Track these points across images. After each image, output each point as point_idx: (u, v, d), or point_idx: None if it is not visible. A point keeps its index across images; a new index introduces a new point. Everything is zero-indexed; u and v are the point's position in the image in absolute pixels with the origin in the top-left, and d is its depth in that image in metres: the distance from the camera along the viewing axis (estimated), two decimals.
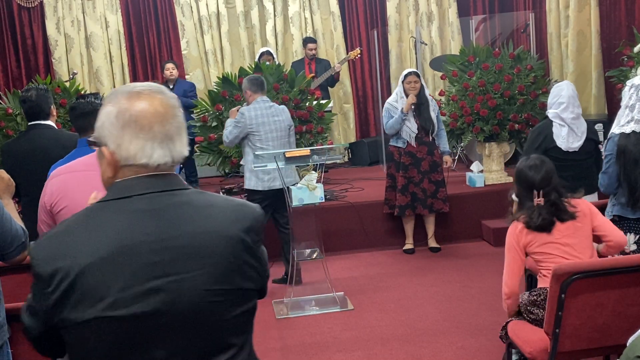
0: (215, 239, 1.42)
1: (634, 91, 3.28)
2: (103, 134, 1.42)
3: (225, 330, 1.44)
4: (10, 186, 2.48)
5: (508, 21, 8.43)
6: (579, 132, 3.94)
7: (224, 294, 1.42)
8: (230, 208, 1.49)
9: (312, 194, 4.47)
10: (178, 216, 1.41)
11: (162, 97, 1.43)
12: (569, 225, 2.89)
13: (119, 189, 1.41)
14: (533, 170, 2.95)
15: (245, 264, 1.46)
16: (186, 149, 1.48)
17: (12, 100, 5.86)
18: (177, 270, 1.37)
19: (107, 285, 1.32)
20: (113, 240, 1.35)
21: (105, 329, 1.32)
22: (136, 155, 1.39)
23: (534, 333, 2.85)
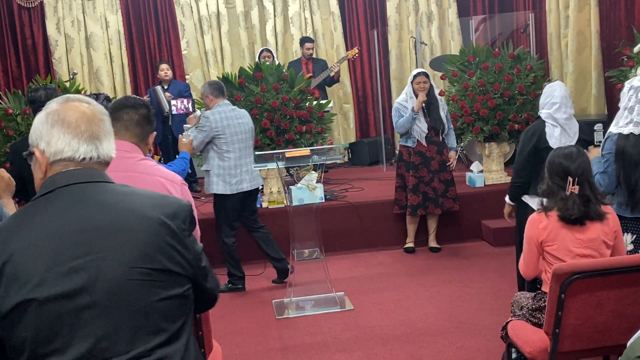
0: (135, 219, 1.49)
1: (633, 93, 3.27)
2: (35, 136, 1.54)
3: (153, 313, 1.47)
4: (10, 185, 2.48)
5: (508, 21, 8.43)
6: (572, 132, 3.93)
7: (148, 273, 1.46)
8: (154, 196, 1.59)
9: (312, 194, 4.47)
10: (99, 202, 1.50)
11: (90, 104, 1.59)
12: (592, 237, 2.84)
13: (45, 185, 1.52)
14: (568, 158, 2.88)
15: (169, 246, 1.50)
16: (113, 152, 1.60)
17: (12, 100, 5.86)
18: (98, 249, 1.44)
19: (32, 268, 1.40)
20: (36, 228, 1.44)
21: (34, 313, 1.38)
22: (64, 150, 1.51)
23: (534, 333, 2.85)
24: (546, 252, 2.90)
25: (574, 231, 2.84)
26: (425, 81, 5.42)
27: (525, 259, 2.97)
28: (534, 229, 2.90)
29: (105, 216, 1.47)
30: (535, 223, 2.91)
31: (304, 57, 7.68)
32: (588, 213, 2.84)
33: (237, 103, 5.90)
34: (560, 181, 2.87)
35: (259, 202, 6.03)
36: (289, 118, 5.92)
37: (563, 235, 2.84)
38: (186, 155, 3.93)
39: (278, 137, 5.93)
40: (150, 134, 2.56)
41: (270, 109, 5.88)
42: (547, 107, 3.96)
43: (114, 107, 2.48)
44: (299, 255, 4.70)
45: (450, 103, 6.32)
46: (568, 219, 2.83)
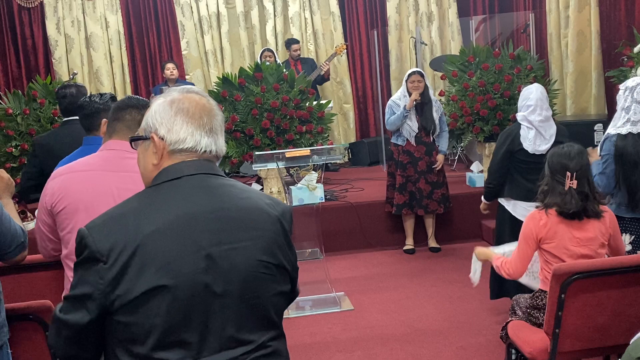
0: (261, 215, 1.51)
1: (628, 93, 3.29)
2: (154, 121, 1.51)
3: (270, 307, 1.50)
4: (10, 186, 2.48)
5: (508, 21, 8.43)
6: (547, 134, 3.91)
7: (270, 267, 1.49)
8: (266, 196, 1.61)
9: (312, 194, 4.47)
10: (226, 193, 1.49)
11: (207, 99, 1.58)
12: (590, 236, 2.85)
13: (169, 172, 1.49)
14: (567, 156, 2.90)
15: (283, 243, 1.54)
16: (224, 147, 1.59)
17: (12, 100, 5.87)
18: (232, 239, 1.45)
19: (168, 251, 1.37)
20: (169, 212, 1.42)
21: (166, 298, 1.36)
22: (186, 139, 1.49)
23: (534, 333, 2.85)
24: (544, 250, 2.90)
25: (572, 229, 2.85)
26: (419, 80, 5.42)
27: (519, 257, 2.94)
28: (533, 226, 2.90)
29: (236, 208, 1.48)
30: (535, 220, 2.91)
31: (291, 58, 7.70)
32: (586, 209, 2.85)
33: (237, 103, 5.91)
34: (560, 178, 2.89)
35: None
36: (289, 118, 5.92)
37: (561, 233, 2.85)
38: None
39: (278, 137, 5.93)
40: None
41: (270, 109, 5.88)
42: (523, 110, 3.97)
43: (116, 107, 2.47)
44: (299, 255, 4.68)
45: (450, 103, 6.33)
46: (566, 214, 2.84)
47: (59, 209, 2.23)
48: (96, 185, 2.22)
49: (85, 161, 2.33)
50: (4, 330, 2.23)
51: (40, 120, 5.78)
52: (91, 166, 2.28)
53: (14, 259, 2.26)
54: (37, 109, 5.85)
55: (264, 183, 6.08)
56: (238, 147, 5.91)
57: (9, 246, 2.20)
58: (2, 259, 2.25)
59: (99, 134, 2.85)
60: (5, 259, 2.25)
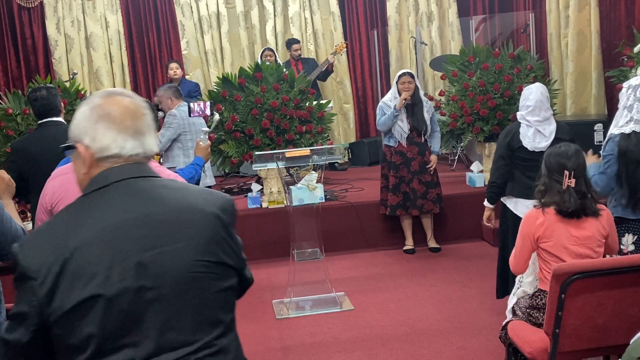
0: (194, 214, 1.50)
1: (631, 92, 3.29)
2: (78, 132, 1.51)
3: (213, 305, 1.50)
4: (10, 186, 2.49)
5: (508, 21, 8.42)
6: (547, 132, 3.93)
7: (209, 266, 1.48)
8: (202, 191, 1.60)
9: (312, 194, 4.47)
10: (156, 196, 1.49)
11: (132, 98, 1.56)
12: (588, 235, 2.86)
13: (97, 180, 1.49)
14: (564, 155, 2.91)
15: (222, 239, 1.53)
16: (156, 146, 1.58)
17: (12, 100, 5.87)
18: (163, 243, 1.44)
19: (96, 263, 1.37)
20: (97, 223, 1.42)
21: (98, 309, 1.36)
22: (110, 146, 1.48)
23: (534, 333, 2.85)
24: (542, 249, 2.91)
25: (570, 228, 2.85)
26: (410, 81, 5.42)
27: (517, 255, 2.96)
28: (530, 225, 2.91)
29: (167, 211, 1.47)
30: (532, 219, 2.92)
31: (292, 58, 7.70)
32: (584, 207, 2.86)
33: (237, 103, 5.91)
34: (558, 177, 2.89)
35: (259, 202, 6.04)
36: (289, 118, 5.93)
37: (559, 232, 2.85)
38: (200, 162, 3.73)
39: (278, 137, 5.93)
40: None
41: (270, 109, 5.88)
42: (522, 109, 3.99)
43: None
44: (299, 255, 4.70)
45: (451, 103, 6.33)
46: (565, 212, 2.85)
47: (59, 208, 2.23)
48: None
49: None
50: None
51: None
52: None
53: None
54: None
55: (264, 183, 6.09)
56: (238, 147, 5.91)
57: (10, 246, 2.20)
58: (2, 259, 2.25)
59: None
60: (6, 259, 2.25)
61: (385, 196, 5.71)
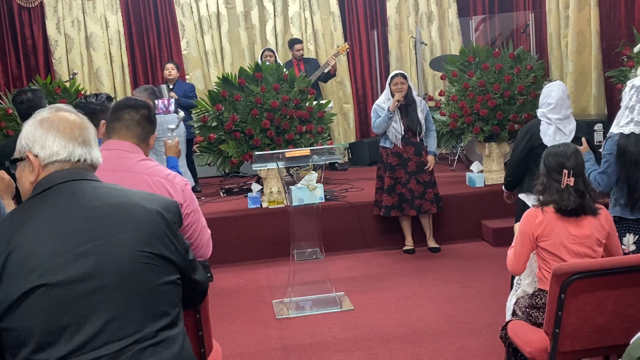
0: (135, 209, 1.57)
1: (634, 92, 3.28)
2: (27, 141, 1.59)
3: (157, 297, 1.54)
4: (10, 187, 2.49)
5: (508, 21, 8.43)
6: (567, 130, 3.94)
7: (150, 257, 1.54)
8: (145, 193, 1.68)
9: (312, 194, 4.47)
10: (97, 194, 1.56)
11: (77, 115, 1.66)
12: (586, 233, 2.86)
13: (41, 184, 1.56)
14: (562, 155, 2.92)
15: (165, 235, 1.59)
16: (100, 159, 1.69)
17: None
18: (104, 234, 1.50)
19: (39, 255, 1.43)
20: (39, 220, 1.48)
21: (43, 299, 1.40)
22: (59, 152, 1.57)
23: (534, 333, 2.85)
24: (541, 248, 2.91)
25: (569, 226, 2.86)
26: (402, 82, 5.42)
27: (517, 254, 2.96)
28: (529, 224, 2.91)
29: (108, 206, 1.54)
30: (531, 218, 2.92)
31: (294, 58, 7.70)
32: (583, 206, 2.87)
33: (237, 103, 5.91)
34: (557, 176, 2.90)
35: (259, 202, 6.04)
36: (289, 118, 5.93)
37: (558, 230, 2.86)
38: (174, 162, 3.43)
39: (278, 137, 5.93)
40: (151, 135, 2.56)
41: (270, 109, 5.88)
42: (544, 107, 4.00)
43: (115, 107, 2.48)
44: (299, 255, 4.70)
45: (451, 103, 6.33)
46: (565, 211, 2.85)
47: None
48: None
49: None
50: None
51: None
52: None
53: None
54: None
55: (264, 183, 6.09)
56: (238, 147, 5.91)
57: None
58: None
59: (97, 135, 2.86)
60: None
61: (379, 197, 5.71)
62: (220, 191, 6.92)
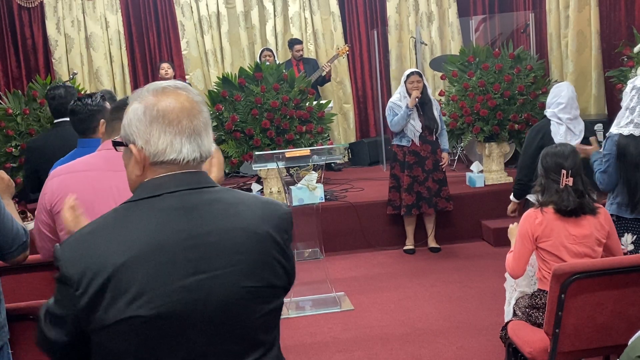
0: (246, 236, 1.41)
1: (635, 93, 3.27)
2: (131, 131, 1.41)
3: (255, 328, 1.43)
4: (10, 187, 2.49)
5: (508, 21, 8.43)
6: (577, 130, 3.96)
7: (255, 290, 1.41)
8: (259, 205, 1.49)
9: (312, 194, 4.47)
10: (208, 213, 1.40)
11: (188, 93, 1.44)
12: (586, 233, 2.86)
13: (148, 187, 1.40)
14: (560, 155, 2.93)
15: (274, 260, 1.45)
16: (213, 145, 1.48)
17: (12, 100, 5.87)
18: (210, 268, 1.36)
19: (141, 283, 1.31)
20: (144, 238, 1.34)
21: (138, 329, 1.31)
22: (165, 151, 1.39)
23: (534, 333, 2.85)
24: (541, 249, 2.91)
25: (568, 227, 2.86)
26: (418, 80, 5.42)
27: (517, 256, 2.95)
28: (529, 225, 2.91)
29: (217, 232, 1.39)
30: (530, 219, 2.92)
31: (294, 58, 7.70)
32: (582, 205, 2.87)
33: (237, 103, 5.91)
34: (555, 176, 2.90)
35: None
36: (289, 118, 5.93)
37: (558, 231, 2.86)
38: None
39: (278, 137, 5.93)
40: None
41: (270, 109, 5.88)
42: (553, 107, 4.00)
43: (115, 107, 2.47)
44: (299, 255, 4.70)
45: (450, 103, 6.33)
46: (564, 211, 2.85)
47: (58, 208, 2.22)
48: (96, 185, 2.22)
49: (85, 161, 2.33)
50: (5, 331, 2.23)
51: (40, 120, 5.78)
52: (91, 166, 2.28)
53: (15, 259, 2.25)
54: (37, 109, 5.85)
55: (264, 183, 6.09)
56: (238, 147, 5.91)
57: (11, 246, 2.20)
58: (3, 258, 2.25)
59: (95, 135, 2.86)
60: (7, 259, 2.25)
61: (394, 196, 5.69)
62: None
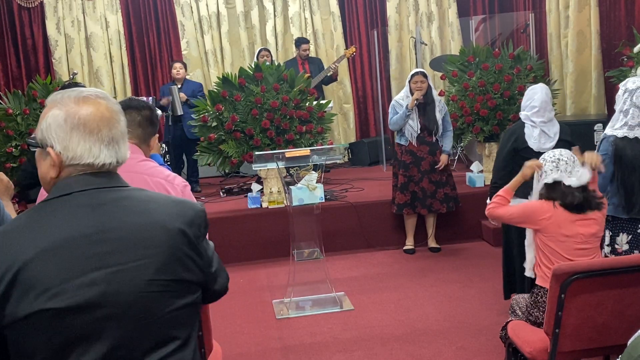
0: (155, 231, 1.46)
1: (627, 96, 3.29)
2: (49, 136, 1.45)
3: (167, 323, 1.46)
4: (9, 188, 2.49)
5: (508, 21, 8.43)
6: (551, 133, 3.94)
7: (165, 284, 1.45)
8: (170, 203, 1.54)
9: (312, 194, 4.47)
10: (117, 210, 1.45)
11: (108, 103, 1.49)
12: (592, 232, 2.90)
13: (60, 187, 1.46)
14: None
15: (185, 256, 1.49)
16: (128, 152, 1.54)
17: (12, 100, 5.87)
18: (118, 261, 1.40)
19: (49, 277, 1.35)
20: (53, 234, 1.38)
21: (49, 322, 1.34)
22: (82, 156, 1.44)
23: (534, 333, 2.85)
24: (545, 244, 2.93)
25: (577, 226, 2.89)
26: (422, 81, 5.42)
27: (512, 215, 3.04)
28: (539, 214, 2.94)
29: (126, 227, 1.43)
30: (542, 210, 2.94)
31: (299, 57, 7.69)
32: (588, 200, 2.91)
33: (237, 103, 5.91)
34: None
35: (259, 202, 6.04)
36: (289, 118, 5.93)
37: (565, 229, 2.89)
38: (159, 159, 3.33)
39: (278, 137, 5.93)
40: (153, 137, 2.55)
41: (270, 109, 5.88)
42: (527, 110, 3.99)
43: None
44: (299, 255, 4.70)
45: (450, 103, 6.33)
46: (571, 206, 2.88)
47: None
48: None
49: None
50: None
51: None
52: None
53: None
54: (37, 109, 5.86)
55: (264, 183, 6.09)
56: (238, 147, 5.91)
57: None
58: None
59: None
60: None
61: (395, 195, 5.71)
62: (221, 191, 6.93)
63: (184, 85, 7.20)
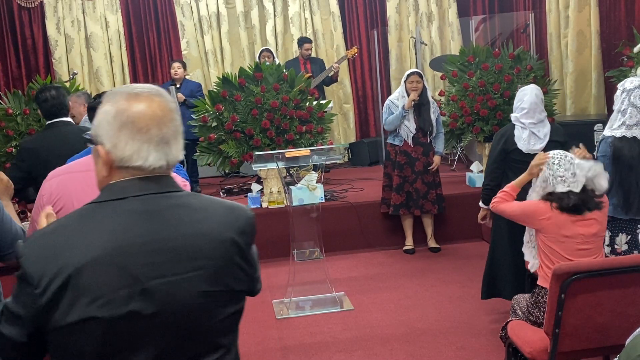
0: (209, 242, 1.43)
1: (625, 96, 3.29)
2: (100, 133, 1.41)
3: (214, 332, 1.45)
4: (9, 188, 2.49)
5: (508, 21, 8.43)
6: (541, 134, 3.93)
7: (216, 295, 1.43)
8: (223, 211, 1.50)
9: (312, 194, 4.47)
10: (172, 218, 1.41)
11: (161, 100, 1.42)
12: (593, 232, 2.90)
13: (113, 190, 1.41)
14: None
15: (236, 266, 1.47)
16: (181, 153, 1.48)
17: (12, 100, 5.87)
18: (172, 272, 1.37)
19: (101, 285, 1.31)
20: (107, 240, 1.34)
21: (97, 329, 1.32)
22: (131, 157, 1.39)
23: (534, 333, 2.85)
24: (546, 245, 2.93)
25: (577, 226, 2.89)
26: (418, 81, 5.42)
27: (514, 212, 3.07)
28: (538, 215, 2.94)
29: (180, 237, 1.40)
30: (541, 211, 2.95)
31: (302, 57, 7.68)
32: (586, 201, 2.90)
33: (237, 103, 5.91)
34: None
35: (259, 202, 6.04)
36: (289, 118, 5.93)
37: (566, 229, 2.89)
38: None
39: (278, 137, 5.93)
40: None
41: (270, 109, 5.88)
42: (517, 111, 3.99)
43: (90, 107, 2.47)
44: (299, 255, 4.69)
45: (450, 103, 6.33)
46: (567, 208, 2.89)
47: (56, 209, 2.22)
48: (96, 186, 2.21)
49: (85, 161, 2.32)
50: None
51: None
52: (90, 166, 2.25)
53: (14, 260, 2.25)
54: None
55: (264, 183, 6.09)
56: (238, 147, 5.91)
57: (10, 247, 2.20)
58: (2, 259, 2.25)
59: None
60: (6, 260, 2.25)
61: (387, 195, 5.71)
62: (221, 191, 6.92)
63: (183, 85, 7.19)
